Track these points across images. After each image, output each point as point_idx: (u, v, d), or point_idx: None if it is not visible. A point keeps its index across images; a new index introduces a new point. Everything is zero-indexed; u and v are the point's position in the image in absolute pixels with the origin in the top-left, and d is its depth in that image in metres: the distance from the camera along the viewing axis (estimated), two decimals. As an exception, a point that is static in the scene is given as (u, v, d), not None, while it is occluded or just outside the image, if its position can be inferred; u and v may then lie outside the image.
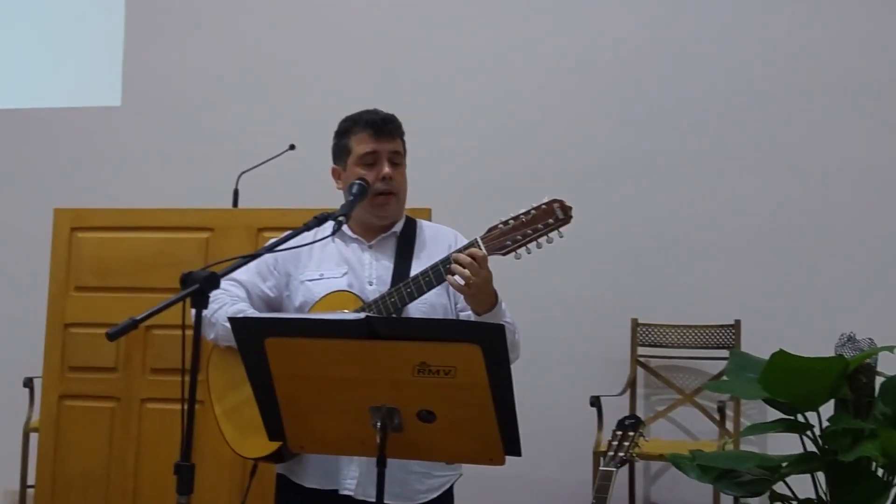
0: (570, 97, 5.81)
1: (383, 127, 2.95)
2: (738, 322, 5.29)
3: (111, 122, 6.43)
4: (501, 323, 2.36)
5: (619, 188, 5.61)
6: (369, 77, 5.93)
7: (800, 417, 3.39)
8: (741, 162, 5.54)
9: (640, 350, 5.46)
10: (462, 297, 2.76)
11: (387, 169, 2.92)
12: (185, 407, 2.23)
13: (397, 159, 2.97)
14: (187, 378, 2.25)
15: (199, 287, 2.30)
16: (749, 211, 5.51)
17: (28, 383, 5.50)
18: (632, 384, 5.41)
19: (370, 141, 2.94)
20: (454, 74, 5.95)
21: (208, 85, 6.32)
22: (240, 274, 2.95)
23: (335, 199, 3.16)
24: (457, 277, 2.66)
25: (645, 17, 5.76)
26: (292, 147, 5.01)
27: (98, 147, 6.40)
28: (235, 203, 4.85)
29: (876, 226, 5.37)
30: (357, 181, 2.88)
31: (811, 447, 3.39)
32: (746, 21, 5.65)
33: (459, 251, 2.69)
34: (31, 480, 5.35)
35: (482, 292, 2.68)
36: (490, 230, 2.73)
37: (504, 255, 2.72)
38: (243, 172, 4.91)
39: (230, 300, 2.89)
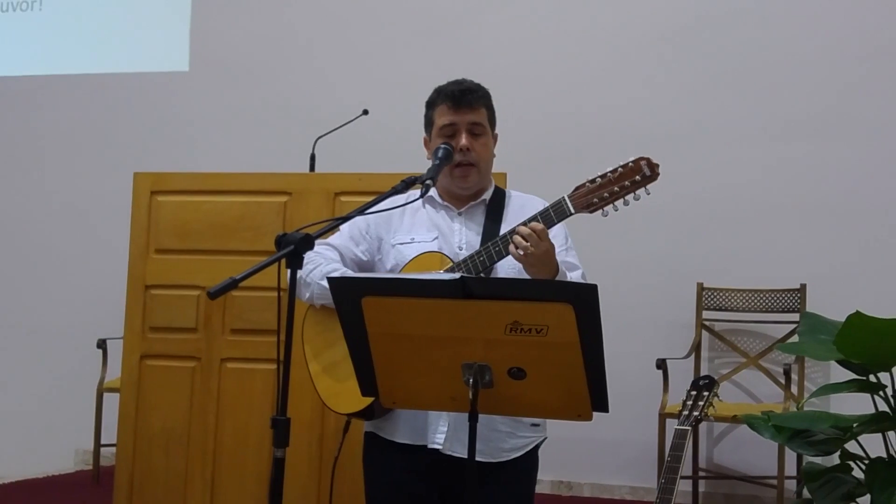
0: (641, 61, 5.84)
1: (462, 98, 2.97)
2: (803, 286, 5.30)
3: (180, 88, 6.53)
4: (594, 283, 2.40)
5: (685, 152, 5.61)
6: (442, 43, 5.98)
7: (871, 378, 3.43)
8: (808, 126, 5.53)
9: (706, 314, 5.49)
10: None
11: (464, 141, 2.95)
12: (281, 367, 2.30)
13: (478, 130, 2.99)
14: (283, 337, 2.32)
15: (295, 248, 2.36)
16: (815, 175, 5.51)
17: (101, 344, 5.60)
18: (697, 347, 5.44)
19: (448, 113, 2.98)
20: (527, 38, 6.00)
21: (278, 50, 6.41)
22: (333, 238, 3.02)
23: (410, 164, 3.23)
24: (518, 248, 2.71)
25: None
26: (365, 112, 5.04)
27: (169, 112, 6.51)
28: (312, 167, 4.91)
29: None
30: (442, 145, 2.92)
31: (883, 407, 3.42)
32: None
33: (524, 223, 2.74)
34: (104, 440, 5.51)
35: (541, 263, 2.72)
36: (577, 188, 2.78)
37: (591, 212, 2.76)
38: (319, 137, 4.95)
39: (324, 261, 2.95)
